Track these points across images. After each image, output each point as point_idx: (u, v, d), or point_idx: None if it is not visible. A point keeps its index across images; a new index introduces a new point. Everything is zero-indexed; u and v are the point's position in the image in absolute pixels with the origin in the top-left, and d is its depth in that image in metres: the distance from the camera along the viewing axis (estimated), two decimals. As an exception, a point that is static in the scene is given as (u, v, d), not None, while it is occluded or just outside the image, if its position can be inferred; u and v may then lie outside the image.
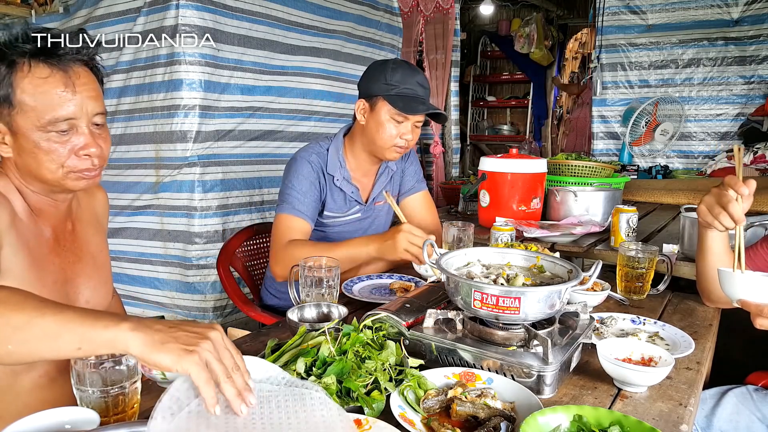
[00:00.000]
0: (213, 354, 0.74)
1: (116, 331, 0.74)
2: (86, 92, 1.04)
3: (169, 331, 0.75)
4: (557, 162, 2.68)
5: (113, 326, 0.74)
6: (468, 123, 7.70)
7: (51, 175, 1.05)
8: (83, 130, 1.04)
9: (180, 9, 2.63)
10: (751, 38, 4.05)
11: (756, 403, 1.43)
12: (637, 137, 4.22)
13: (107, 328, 0.74)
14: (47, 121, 1.00)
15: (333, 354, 0.98)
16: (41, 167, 1.04)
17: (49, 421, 0.79)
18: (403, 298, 1.23)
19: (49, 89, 1.00)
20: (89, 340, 0.74)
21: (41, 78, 1.00)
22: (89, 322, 0.75)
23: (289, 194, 1.72)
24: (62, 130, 1.02)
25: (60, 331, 0.74)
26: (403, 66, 1.71)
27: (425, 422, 0.88)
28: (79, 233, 1.21)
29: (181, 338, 0.74)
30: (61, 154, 1.03)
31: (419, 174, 2.01)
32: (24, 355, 0.77)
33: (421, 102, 1.70)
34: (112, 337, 0.74)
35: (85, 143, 1.05)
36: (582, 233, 2.05)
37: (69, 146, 1.04)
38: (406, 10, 4.48)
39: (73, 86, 1.02)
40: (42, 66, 1.00)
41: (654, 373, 1.00)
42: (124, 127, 2.92)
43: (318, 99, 3.38)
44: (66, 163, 1.04)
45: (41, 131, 1.01)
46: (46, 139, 1.02)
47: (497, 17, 7.55)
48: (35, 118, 1.00)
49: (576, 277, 1.08)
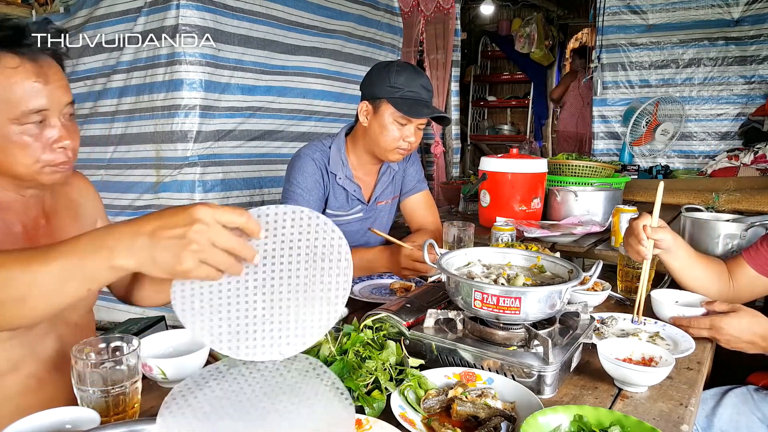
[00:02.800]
0: (207, 243, 0.72)
1: (112, 261, 0.73)
2: (57, 82, 1.00)
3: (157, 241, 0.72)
4: (557, 162, 2.68)
5: (108, 257, 0.73)
6: (468, 123, 7.70)
7: (25, 170, 0.99)
8: (55, 122, 1.00)
9: (180, 9, 2.63)
10: (752, 38, 4.04)
11: (757, 403, 1.43)
12: (637, 137, 4.22)
13: (104, 261, 0.74)
14: (20, 113, 0.95)
15: (333, 354, 0.98)
16: (15, 162, 0.99)
17: (50, 421, 0.79)
18: (404, 298, 1.23)
19: (20, 80, 0.95)
20: (92, 279, 0.75)
21: (11, 68, 0.94)
22: (89, 259, 0.74)
23: (293, 191, 1.72)
24: (36, 122, 0.97)
25: (64, 279, 0.75)
26: (407, 69, 1.71)
27: (426, 422, 0.88)
28: (54, 227, 1.15)
29: (169, 246, 0.72)
30: (36, 147, 0.98)
31: (420, 174, 2.01)
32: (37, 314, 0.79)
33: (426, 105, 1.70)
34: (111, 267, 0.74)
35: (59, 135, 1.00)
36: (582, 233, 2.05)
37: (43, 139, 0.99)
38: (407, 10, 4.48)
39: (45, 77, 0.98)
40: (10, 56, 0.95)
41: (654, 373, 1.00)
42: (124, 127, 2.92)
43: (318, 99, 3.38)
44: (41, 157, 0.99)
45: (15, 124, 0.96)
46: (20, 133, 0.97)
47: (498, 17, 7.54)
48: (7, 111, 0.95)
49: (576, 277, 1.08)
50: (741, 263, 1.40)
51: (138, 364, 0.88)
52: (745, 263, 1.39)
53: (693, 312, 1.29)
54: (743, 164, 3.53)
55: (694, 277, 1.38)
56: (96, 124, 2.98)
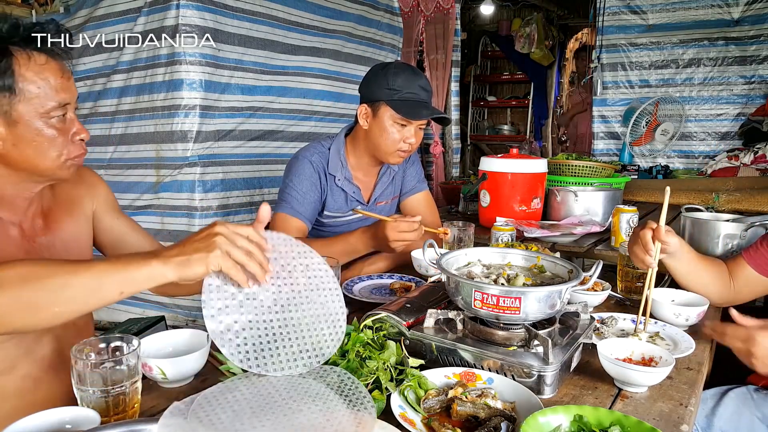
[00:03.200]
0: (229, 244, 0.87)
1: (150, 268, 0.85)
2: (71, 79, 1.08)
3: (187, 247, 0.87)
4: (557, 162, 2.68)
5: (145, 264, 0.85)
6: (468, 123, 7.69)
7: (51, 163, 1.06)
8: (72, 116, 1.08)
9: (180, 9, 2.63)
10: (752, 38, 4.04)
11: (757, 403, 1.43)
12: (637, 137, 4.22)
13: (141, 267, 0.85)
14: (51, 108, 1.02)
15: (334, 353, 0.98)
16: (43, 156, 1.04)
17: (49, 421, 0.79)
18: (404, 298, 1.23)
19: (48, 76, 1.02)
20: (129, 282, 0.85)
21: (41, 65, 1.02)
22: (122, 267, 0.85)
23: (288, 194, 1.72)
24: (60, 116, 1.04)
25: (100, 282, 0.85)
26: (406, 70, 1.70)
27: (426, 422, 0.88)
28: (53, 227, 1.17)
29: (199, 248, 0.86)
30: (61, 141, 1.05)
31: (420, 174, 2.01)
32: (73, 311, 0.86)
33: (425, 106, 1.69)
34: (149, 273, 0.85)
35: (78, 128, 1.08)
36: (582, 233, 2.05)
37: (67, 132, 1.06)
38: (407, 10, 4.48)
39: (67, 73, 1.06)
40: (38, 54, 1.03)
41: (654, 373, 1.00)
42: (124, 127, 2.92)
43: (318, 99, 3.38)
44: (65, 150, 1.06)
45: (45, 118, 1.02)
46: (50, 126, 1.03)
47: (498, 17, 7.54)
48: (39, 105, 1.01)
49: (576, 277, 1.08)
50: (741, 263, 1.39)
51: (138, 364, 0.88)
52: (745, 263, 1.38)
53: (693, 311, 1.29)
54: (743, 164, 3.53)
55: (697, 279, 1.38)
56: (96, 124, 2.98)
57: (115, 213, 1.32)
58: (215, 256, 0.85)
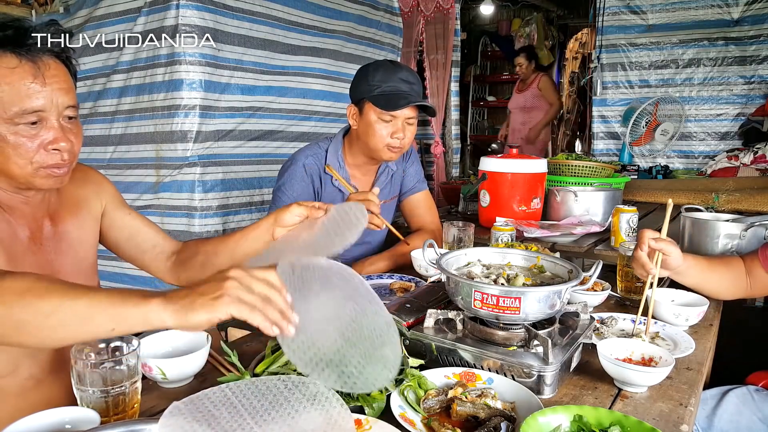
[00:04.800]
0: (242, 288, 0.77)
1: (147, 309, 0.76)
2: (56, 84, 1.00)
3: (193, 291, 0.78)
4: (557, 162, 2.68)
5: (143, 304, 0.77)
6: (468, 123, 7.70)
7: (19, 170, 1.00)
8: (53, 123, 1.00)
9: (180, 9, 2.63)
10: (752, 38, 4.04)
11: (757, 403, 1.43)
12: (637, 137, 4.22)
13: (138, 306, 0.76)
14: (14, 113, 0.96)
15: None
16: (9, 162, 0.99)
17: (49, 421, 0.79)
18: (404, 298, 1.23)
19: (16, 80, 0.96)
20: (122, 320, 0.77)
21: (9, 68, 0.96)
22: (119, 303, 0.77)
23: (279, 197, 1.74)
24: (31, 122, 0.98)
25: (92, 313, 0.77)
26: (385, 65, 1.72)
27: (425, 422, 0.88)
28: (59, 230, 1.16)
29: (206, 291, 0.77)
30: (29, 148, 0.99)
31: (420, 174, 2.01)
32: (61, 339, 0.79)
33: (403, 97, 1.69)
34: (145, 314, 0.76)
35: (55, 137, 1.01)
36: (582, 233, 2.05)
37: (38, 140, 1.00)
38: (407, 10, 4.48)
39: (43, 78, 0.98)
40: (10, 56, 0.96)
41: (654, 373, 1.00)
42: (124, 127, 2.92)
43: (318, 99, 3.38)
44: (35, 159, 1.00)
45: (9, 124, 0.97)
46: (14, 133, 0.97)
47: (497, 17, 7.55)
48: (1, 110, 0.96)
49: (576, 277, 1.08)
50: (756, 262, 1.39)
51: (138, 364, 0.88)
52: (759, 263, 1.38)
53: (693, 311, 1.29)
54: (743, 164, 3.53)
55: (708, 286, 1.39)
56: (96, 124, 2.98)
57: (125, 209, 1.30)
58: (223, 303, 0.75)
